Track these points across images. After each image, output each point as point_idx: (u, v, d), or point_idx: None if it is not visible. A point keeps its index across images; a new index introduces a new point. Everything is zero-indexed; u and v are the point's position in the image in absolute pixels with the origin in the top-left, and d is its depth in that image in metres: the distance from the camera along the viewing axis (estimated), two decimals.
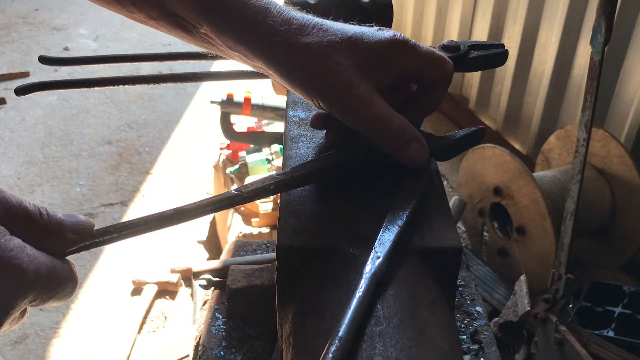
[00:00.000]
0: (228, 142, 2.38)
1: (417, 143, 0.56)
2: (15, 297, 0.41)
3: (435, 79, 0.61)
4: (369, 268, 0.48)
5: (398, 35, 0.58)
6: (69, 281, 0.45)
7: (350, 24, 0.59)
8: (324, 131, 0.68)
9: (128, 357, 2.02)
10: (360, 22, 0.60)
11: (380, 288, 0.48)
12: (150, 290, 2.26)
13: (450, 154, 0.62)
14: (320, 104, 0.57)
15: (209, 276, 1.12)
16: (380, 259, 0.49)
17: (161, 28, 0.61)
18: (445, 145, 0.61)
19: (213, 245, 2.45)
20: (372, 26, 0.59)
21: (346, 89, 0.55)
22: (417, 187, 0.57)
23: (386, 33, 0.58)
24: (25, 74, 3.68)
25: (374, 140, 0.56)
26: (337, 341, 0.42)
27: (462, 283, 1.12)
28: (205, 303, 1.13)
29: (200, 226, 2.52)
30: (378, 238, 0.51)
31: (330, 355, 0.41)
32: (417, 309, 0.48)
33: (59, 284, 0.44)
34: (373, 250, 0.49)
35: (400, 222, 0.52)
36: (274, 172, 2.15)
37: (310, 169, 0.56)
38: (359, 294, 0.46)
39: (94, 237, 0.47)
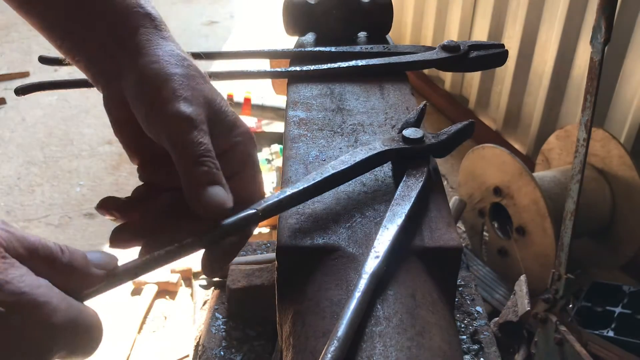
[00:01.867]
0: None
1: (223, 188, 0.49)
2: (48, 346, 0.37)
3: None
4: (369, 268, 0.48)
5: (249, 131, 0.55)
6: (97, 328, 0.41)
7: None
8: (324, 131, 0.68)
9: (128, 357, 2.02)
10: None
11: (380, 288, 0.48)
12: (150, 290, 2.26)
13: (446, 151, 0.63)
14: (147, 104, 0.50)
15: None
16: (379, 259, 0.49)
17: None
18: (441, 142, 0.62)
19: None
20: None
21: (186, 101, 0.50)
22: (416, 186, 0.57)
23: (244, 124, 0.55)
24: (25, 74, 3.68)
25: (179, 169, 0.49)
26: (335, 341, 0.42)
27: (462, 283, 1.12)
28: (205, 303, 1.13)
29: None
30: (377, 238, 0.51)
31: (329, 355, 0.41)
32: (417, 309, 0.48)
33: (88, 332, 0.40)
34: (372, 250, 0.50)
35: (399, 221, 0.52)
36: (274, 171, 2.15)
37: (321, 179, 0.55)
38: (358, 293, 0.46)
39: (117, 275, 0.44)
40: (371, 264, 0.48)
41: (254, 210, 0.50)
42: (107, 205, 0.53)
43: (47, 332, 0.37)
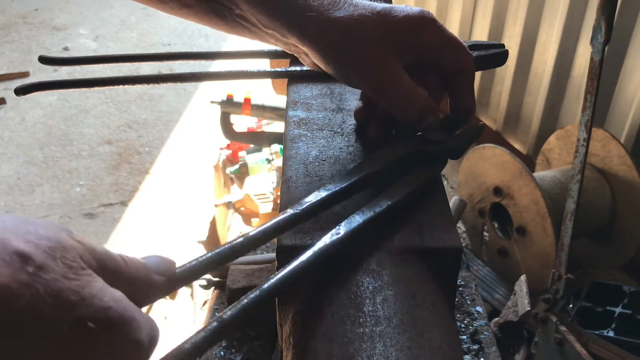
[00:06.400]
0: (228, 142, 2.38)
1: (434, 115, 0.61)
2: None
3: (454, 68, 0.62)
4: (321, 240, 0.48)
5: (426, 12, 0.60)
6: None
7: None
8: (324, 131, 0.68)
9: None
10: None
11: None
12: None
13: (461, 153, 0.64)
14: (351, 77, 0.59)
15: (209, 276, 1.12)
16: (339, 235, 0.49)
17: (192, 16, 0.63)
18: (459, 144, 0.62)
19: (213, 245, 2.45)
20: None
21: (377, 62, 0.57)
22: (414, 183, 0.57)
23: (415, 9, 0.60)
24: (25, 74, 3.68)
25: (396, 113, 0.60)
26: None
27: (462, 283, 1.12)
28: (205, 303, 1.13)
29: (200, 226, 2.52)
30: (348, 218, 0.51)
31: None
32: (417, 309, 0.48)
33: (156, 344, 0.38)
34: (336, 226, 0.50)
35: (377, 209, 0.52)
36: (274, 171, 2.15)
37: (358, 177, 0.55)
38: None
39: (177, 280, 0.41)
40: (327, 238, 0.48)
41: (296, 212, 0.50)
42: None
43: (136, 351, 0.35)
